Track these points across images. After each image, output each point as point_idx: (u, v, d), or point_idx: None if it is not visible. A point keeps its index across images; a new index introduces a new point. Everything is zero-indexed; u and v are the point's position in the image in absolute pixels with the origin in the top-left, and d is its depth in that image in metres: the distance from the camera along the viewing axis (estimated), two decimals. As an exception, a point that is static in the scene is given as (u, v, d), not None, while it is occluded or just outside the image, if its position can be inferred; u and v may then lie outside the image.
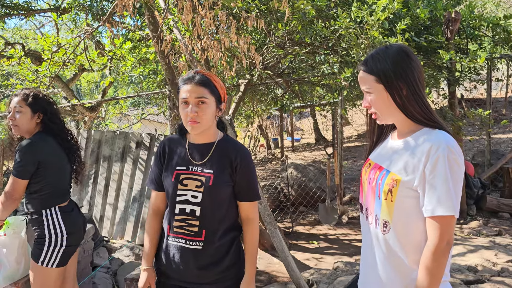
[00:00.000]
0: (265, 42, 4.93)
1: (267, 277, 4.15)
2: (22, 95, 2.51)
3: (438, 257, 1.33)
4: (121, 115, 10.90)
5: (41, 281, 2.47)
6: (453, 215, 1.32)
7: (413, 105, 1.43)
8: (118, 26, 4.04)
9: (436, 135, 1.39)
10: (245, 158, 1.86)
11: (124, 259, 4.25)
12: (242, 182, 1.86)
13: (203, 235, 1.80)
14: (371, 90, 1.47)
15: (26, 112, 2.49)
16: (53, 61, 5.78)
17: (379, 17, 3.79)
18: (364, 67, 1.49)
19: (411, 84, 1.42)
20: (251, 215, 1.91)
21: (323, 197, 6.56)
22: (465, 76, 5.54)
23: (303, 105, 10.38)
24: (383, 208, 1.45)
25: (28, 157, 2.39)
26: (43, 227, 2.47)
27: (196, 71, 1.82)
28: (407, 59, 1.44)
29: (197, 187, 1.80)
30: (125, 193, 5.19)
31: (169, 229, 1.86)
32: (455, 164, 1.34)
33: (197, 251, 1.81)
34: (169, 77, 4.19)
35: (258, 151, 15.99)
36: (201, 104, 1.76)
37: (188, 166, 1.84)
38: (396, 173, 1.42)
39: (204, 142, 1.87)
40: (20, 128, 2.50)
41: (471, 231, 5.07)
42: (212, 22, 3.12)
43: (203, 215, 1.80)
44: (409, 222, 1.41)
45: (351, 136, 17.29)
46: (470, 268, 3.80)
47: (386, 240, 1.44)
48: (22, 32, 12.99)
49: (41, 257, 2.46)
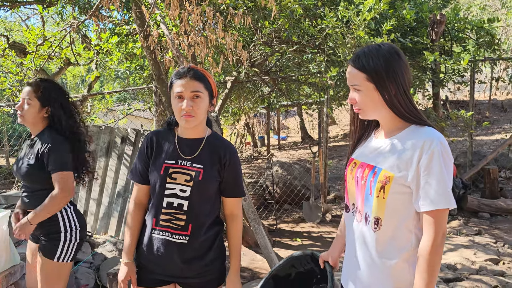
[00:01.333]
0: (252, 40, 4.94)
1: (250, 273, 4.17)
2: (33, 85, 2.40)
3: (437, 249, 1.35)
4: (107, 110, 10.81)
5: (57, 277, 2.39)
6: (448, 207, 1.36)
7: (402, 103, 1.44)
8: (105, 20, 4.01)
9: (427, 132, 1.41)
10: (233, 155, 1.89)
11: (107, 254, 4.23)
12: (229, 179, 1.88)
13: (189, 229, 1.81)
14: (360, 88, 1.47)
15: (34, 104, 2.39)
16: (38, 54, 5.72)
17: (365, 17, 3.84)
18: (355, 64, 1.48)
19: (401, 85, 1.44)
20: (236, 211, 1.94)
21: (307, 195, 6.61)
22: (449, 77, 5.64)
23: (289, 103, 10.42)
24: (374, 206, 1.45)
25: (65, 149, 2.36)
26: (57, 222, 2.38)
27: (190, 66, 1.84)
28: (399, 60, 1.45)
29: (186, 181, 1.80)
30: (110, 188, 5.16)
31: (155, 223, 1.85)
32: (447, 158, 1.37)
33: (182, 245, 1.81)
34: (155, 73, 4.18)
35: (244, 148, 16.01)
36: (195, 98, 1.78)
37: (178, 160, 1.84)
38: (389, 170, 1.43)
39: (193, 137, 1.89)
40: (26, 119, 2.40)
41: (451, 230, 5.16)
42: (199, 18, 3.13)
43: (190, 209, 1.81)
44: (400, 218, 1.43)
45: (337, 136, 17.42)
46: (449, 266, 3.87)
47: (377, 237, 1.45)
48: (6, 24, 12.79)
49: (57, 253, 2.36)
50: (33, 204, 2.37)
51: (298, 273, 1.86)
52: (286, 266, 1.86)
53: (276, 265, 1.87)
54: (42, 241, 2.38)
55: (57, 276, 2.38)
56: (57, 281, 2.38)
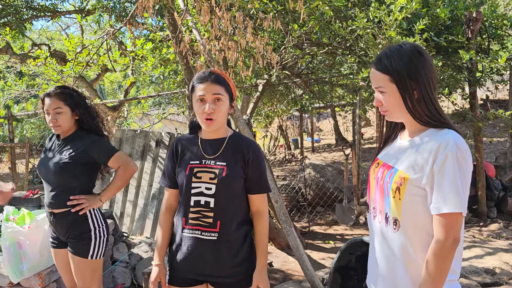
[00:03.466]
0: (283, 43, 4.96)
1: (282, 275, 4.18)
2: (58, 95, 2.50)
3: (443, 254, 1.33)
4: (142, 114, 11.08)
5: (93, 273, 2.51)
6: (461, 212, 1.33)
7: (423, 108, 1.43)
8: (140, 27, 4.14)
9: (444, 134, 1.40)
10: (256, 152, 1.94)
11: (143, 254, 4.35)
12: (254, 175, 1.93)
13: (217, 226, 1.86)
14: (384, 89, 1.47)
15: (66, 111, 2.50)
16: (77, 61, 5.95)
17: (396, 17, 3.79)
18: (377, 66, 1.48)
19: (423, 85, 1.42)
20: (262, 208, 1.98)
21: (340, 198, 6.56)
22: (486, 76, 5.46)
23: (322, 105, 10.35)
24: (392, 206, 1.46)
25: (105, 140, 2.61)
26: (87, 221, 2.49)
27: (211, 70, 1.91)
28: (421, 59, 1.44)
29: (211, 179, 1.87)
30: (145, 191, 5.30)
31: (185, 222, 1.91)
32: (463, 162, 1.35)
33: (212, 242, 1.87)
34: (188, 77, 4.27)
35: (278, 151, 16.00)
36: (217, 101, 1.86)
37: (201, 160, 1.92)
38: (404, 171, 1.43)
39: (216, 138, 1.96)
40: (63, 128, 2.51)
41: (490, 234, 4.99)
42: (229, 23, 3.19)
43: (217, 206, 1.87)
44: (417, 220, 1.42)
45: (372, 138, 17.14)
46: (488, 270, 3.75)
47: (397, 237, 1.45)
48: (48, 33, 13.32)
49: (90, 251, 2.47)
50: (61, 204, 2.45)
51: (357, 257, 1.89)
52: (344, 255, 1.91)
53: (334, 259, 1.93)
54: (73, 243, 2.47)
55: (93, 272, 2.50)
56: (93, 276, 2.51)
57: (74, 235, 2.47)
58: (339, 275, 1.91)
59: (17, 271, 2.76)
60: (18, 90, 11.19)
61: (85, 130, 2.58)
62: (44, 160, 2.55)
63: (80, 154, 2.47)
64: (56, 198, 2.47)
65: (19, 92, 10.98)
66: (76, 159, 2.46)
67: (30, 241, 2.73)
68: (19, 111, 13.59)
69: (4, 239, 2.69)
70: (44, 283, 2.95)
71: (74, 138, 2.54)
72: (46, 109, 2.50)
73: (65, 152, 2.49)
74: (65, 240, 2.52)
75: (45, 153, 2.59)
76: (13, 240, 2.68)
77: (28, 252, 2.75)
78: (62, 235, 2.51)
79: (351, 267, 1.91)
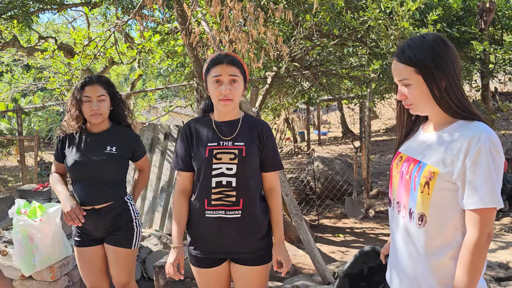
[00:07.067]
0: (292, 34, 4.91)
1: (293, 268, 4.16)
2: (102, 83, 2.43)
3: (479, 250, 1.30)
4: (149, 107, 11.08)
5: (132, 263, 2.51)
6: (495, 206, 1.30)
7: (452, 98, 1.38)
8: (147, 19, 4.10)
9: (475, 127, 1.35)
10: (269, 131, 2.03)
11: (152, 247, 4.35)
12: (269, 153, 2.00)
13: (240, 203, 1.91)
14: (409, 82, 1.42)
15: (108, 100, 2.44)
16: (85, 54, 5.92)
17: (409, 7, 3.72)
18: (400, 58, 1.43)
19: (450, 75, 1.37)
20: (274, 185, 2.05)
21: (349, 191, 6.51)
22: (499, 68, 5.38)
23: (330, 98, 10.28)
24: (418, 201, 1.41)
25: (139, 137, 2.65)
26: (129, 212, 2.48)
27: (226, 52, 1.95)
28: (446, 48, 1.39)
29: (231, 160, 1.90)
30: (153, 184, 5.28)
31: (207, 203, 1.93)
32: (497, 155, 1.31)
33: (237, 220, 1.92)
34: (197, 70, 4.23)
35: (284, 144, 15.96)
36: (233, 82, 1.89)
37: (219, 142, 1.95)
38: (434, 165, 1.38)
39: (230, 119, 1.99)
40: (104, 117, 2.43)
41: (503, 227, 4.94)
42: (240, 14, 3.14)
43: (239, 185, 1.91)
44: (445, 215, 1.38)
45: (379, 130, 17.05)
46: (501, 265, 3.71)
47: (422, 233, 1.41)
48: (54, 26, 13.32)
49: (133, 241, 2.46)
50: (109, 198, 2.41)
51: (370, 268, 1.88)
52: (357, 263, 1.90)
53: (346, 264, 1.93)
54: (117, 235, 2.42)
55: (134, 261, 2.52)
56: (133, 265, 2.53)
57: (119, 226, 2.43)
58: (348, 282, 1.89)
59: (29, 264, 2.76)
60: (25, 83, 11.22)
61: (118, 124, 2.54)
62: (81, 156, 2.40)
63: (126, 148, 2.48)
64: (102, 193, 2.40)
65: (26, 85, 11.00)
66: (122, 154, 2.46)
67: (42, 234, 2.73)
68: (26, 104, 13.65)
69: (15, 232, 2.69)
70: (56, 276, 2.95)
71: (113, 131, 2.50)
72: (87, 95, 2.36)
73: (109, 146, 2.43)
74: (103, 235, 2.44)
75: (78, 149, 2.42)
76: (24, 233, 2.68)
77: (39, 245, 2.75)
78: (102, 230, 2.42)
79: (362, 276, 1.89)
